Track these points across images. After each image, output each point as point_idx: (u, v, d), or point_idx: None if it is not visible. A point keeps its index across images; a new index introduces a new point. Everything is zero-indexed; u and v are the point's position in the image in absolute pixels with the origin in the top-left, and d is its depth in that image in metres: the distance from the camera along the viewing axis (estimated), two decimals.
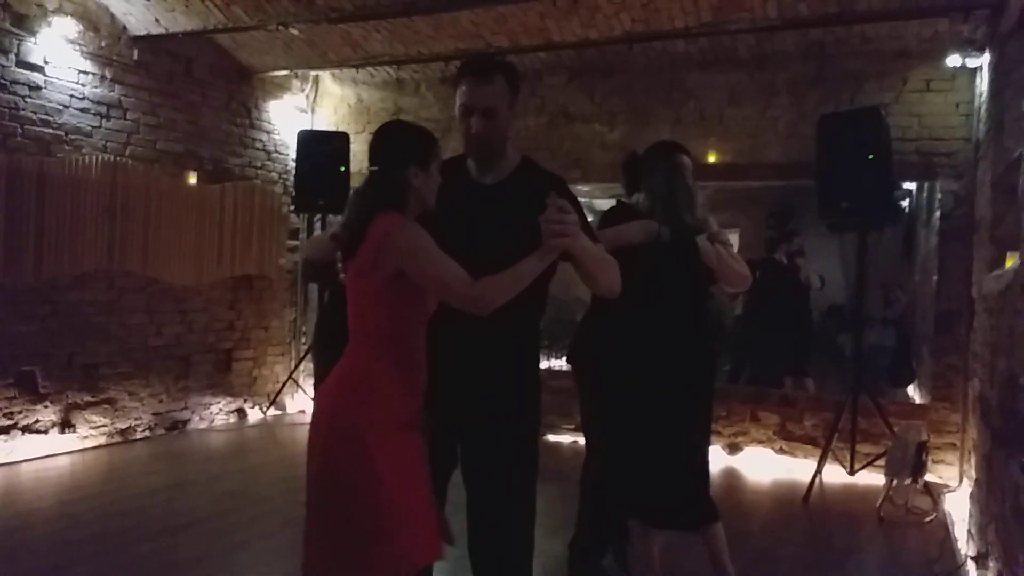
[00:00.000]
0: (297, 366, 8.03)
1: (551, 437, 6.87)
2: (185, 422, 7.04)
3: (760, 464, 6.49)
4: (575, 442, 6.54)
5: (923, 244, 7.68)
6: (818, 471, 5.73)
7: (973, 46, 5.82)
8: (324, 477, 2.32)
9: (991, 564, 3.48)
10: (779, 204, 11.64)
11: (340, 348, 2.41)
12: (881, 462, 5.48)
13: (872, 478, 5.77)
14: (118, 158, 6.33)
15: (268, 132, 7.95)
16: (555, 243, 2.31)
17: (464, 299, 2.26)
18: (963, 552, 4.41)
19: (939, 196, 6.32)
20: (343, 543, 2.27)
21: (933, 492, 5.41)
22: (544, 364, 5.44)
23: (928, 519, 5.12)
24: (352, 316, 2.38)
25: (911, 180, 7.15)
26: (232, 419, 7.54)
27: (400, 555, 2.27)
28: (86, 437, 6.15)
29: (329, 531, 2.30)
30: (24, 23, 5.68)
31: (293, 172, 7.86)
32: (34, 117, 5.78)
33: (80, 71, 6.09)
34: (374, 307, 2.34)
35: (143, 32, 6.45)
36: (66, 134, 5.99)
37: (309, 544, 2.34)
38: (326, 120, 8.40)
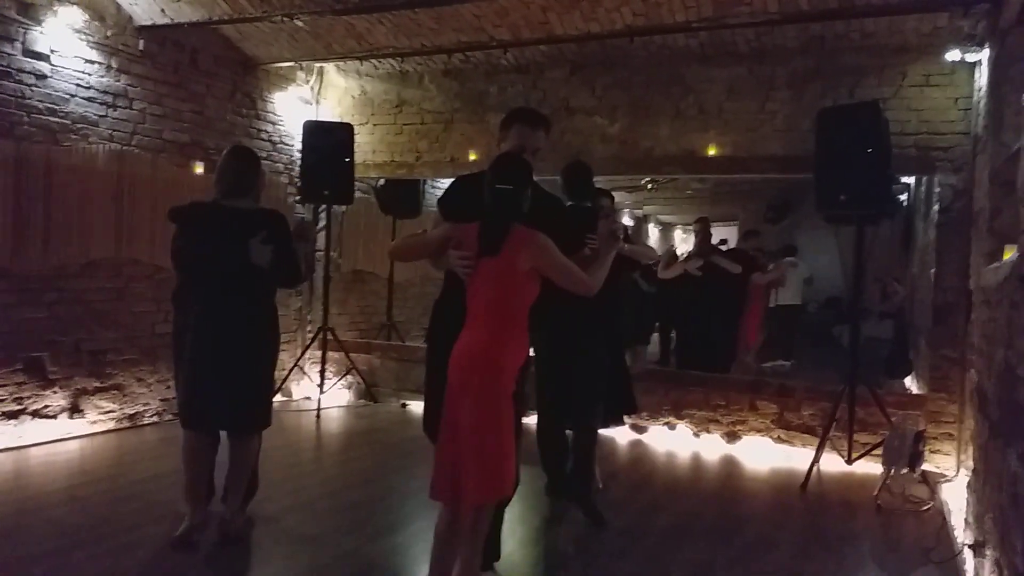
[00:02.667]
0: (303, 353, 8.09)
1: None
2: None
3: (758, 453, 6.56)
4: None
5: (921, 237, 7.74)
6: (816, 460, 5.80)
7: (972, 41, 5.86)
8: (481, 405, 3.09)
9: (987, 552, 3.52)
10: (777, 197, 11.72)
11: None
12: (878, 452, 5.54)
13: (869, 467, 5.84)
14: (124, 147, 6.38)
15: (273, 123, 7.99)
16: (613, 247, 3.54)
17: (584, 285, 3.26)
18: (960, 540, 4.47)
19: (937, 190, 6.38)
20: (491, 456, 3.08)
21: (930, 481, 5.48)
22: None
23: (925, 508, 5.19)
24: (485, 298, 3.18)
25: (910, 174, 7.23)
26: None
27: (514, 473, 3.23)
28: (95, 422, 6.21)
29: (481, 446, 3.08)
30: (30, 12, 5.71)
31: (298, 163, 7.92)
32: (40, 106, 5.82)
33: (86, 60, 6.13)
34: (511, 293, 3.18)
35: (149, 22, 6.48)
36: (72, 123, 6.03)
37: (455, 464, 3.12)
38: (331, 111, 8.45)
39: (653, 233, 19.64)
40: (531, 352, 3.55)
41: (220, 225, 4.06)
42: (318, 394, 7.54)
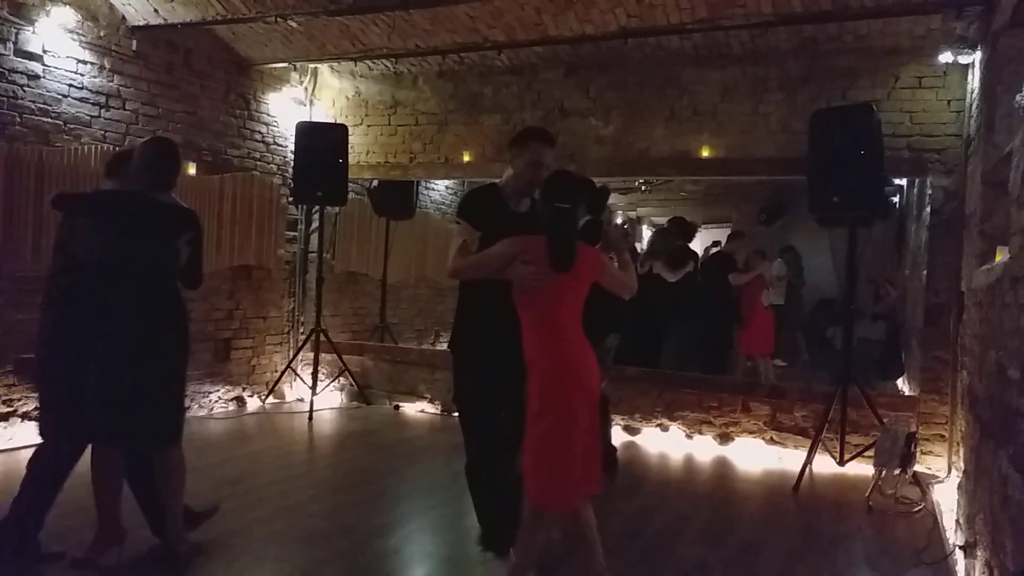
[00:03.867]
0: (295, 355, 8.08)
1: None
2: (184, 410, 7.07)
3: (751, 454, 6.57)
4: None
5: (913, 239, 7.76)
6: (808, 461, 5.81)
7: (965, 43, 5.88)
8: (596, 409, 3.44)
9: (979, 553, 3.53)
10: (770, 199, 11.73)
11: None
12: (870, 453, 5.56)
13: (861, 468, 5.85)
14: (117, 148, 6.36)
15: (267, 124, 7.98)
16: (626, 246, 3.86)
17: (629, 288, 3.64)
18: (951, 541, 4.48)
19: (929, 192, 6.39)
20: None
21: (922, 482, 5.50)
22: None
23: (916, 509, 5.20)
24: (566, 311, 3.42)
25: (902, 176, 7.25)
26: (231, 407, 7.60)
27: None
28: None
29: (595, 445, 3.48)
30: (22, 12, 5.70)
31: (292, 163, 7.90)
32: (33, 106, 5.80)
33: (79, 60, 6.11)
34: (580, 305, 3.45)
35: (142, 22, 6.47)
36: (65, 123, 6.02)
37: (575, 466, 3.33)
38: (324, 112, 8.44)
39: (647, 235, 19.64)
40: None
41: (152, 220, 3.76)
42: (310, 396, 7.52)
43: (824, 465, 5.94)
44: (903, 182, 8.07)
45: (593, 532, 3.46)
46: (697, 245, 14.89)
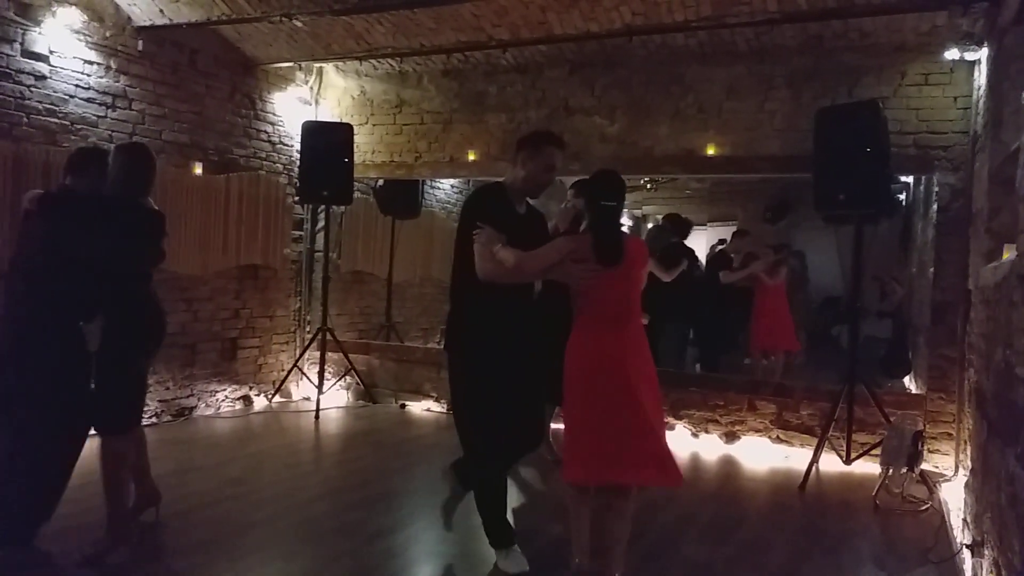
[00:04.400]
0: (302, 354, 8.10)
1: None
2: (191, 409, 7.11)
3: (757, 453, 6.57)
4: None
5: (920, 236, 7.73)
6: (814, 460, 5.80)
7: (971, 40, 5.85)
8: (656, 391, 3.67)
9: (986, 552, 3.53)
10: (776, 197, 11.70)
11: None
12: (877, 451, 5.55)
13: (868, 467, 5.85)
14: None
15: (272, 123, 7.99)
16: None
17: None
18: (958, 540, 4.48)
19: (936, 189, 6.37)
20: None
21: (929, 481, 5.48)
22: None
23: (924, 508, 5.19)
24: (616, 304, 3.61)
25: (908, 173, 7.22)
26: (238, 406, 7.62)
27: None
28: None
29: (661, 431, 3.69)
30: (29, 13, 5.71)
31: (297, 163, 7.91)
32: (39, 107, 5.82)
33: (85, 61, 6.13)
34: (634, 296, 3.66)
35: (147, 23, 6.48)
36: (72, 124, 6.03)
37: (620, 447, 3.48)
38: (330, 111, 8.45)
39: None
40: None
41: (146, 224, 4.04)
42: (317, 395, 7.54)
43: (830, 464, 5.94)
44: (909, 179, 8.03)
45: (619, 524, 3.56)
46: (703, 243, 14.87)
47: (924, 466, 5.53)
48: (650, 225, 19.21)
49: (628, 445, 3.49)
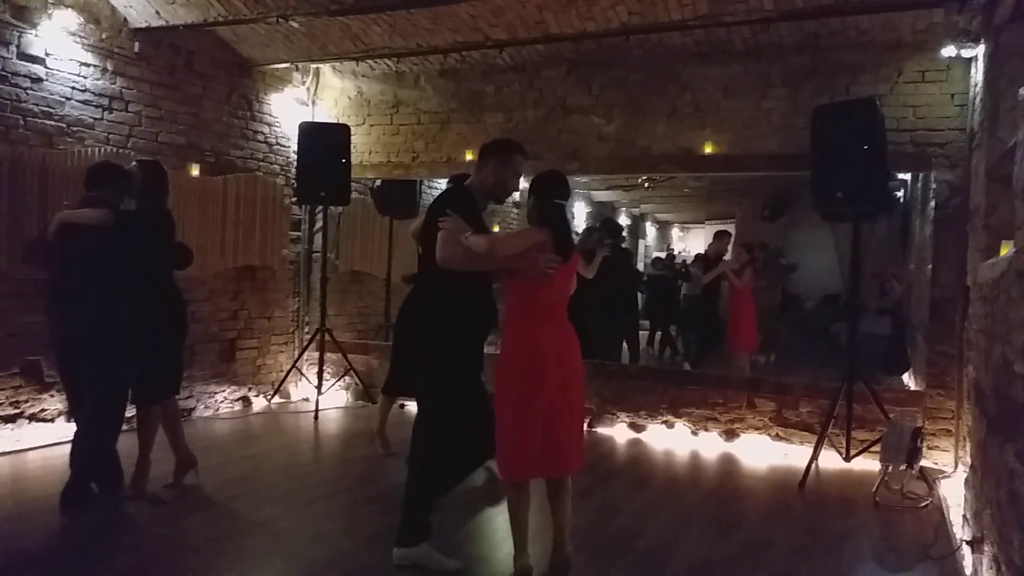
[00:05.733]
0: (300, 355, 8.10)
1: None
2: (190, 410, 7.11)
3: (756, 450, 6.57)
4: None
5: (918, 233, 7.75)
6: (814, 457, 5.81)
7: (968, 37, 5.87)
8: (582, 388, 3.80)
9: (986, 548, 3.53)
10: (774, 195, 11.73)
11: None
12: (876, 448, 5.55)
13: (868, 464, 5.85)
14: (120, 150, 6.37)
15: (269, 124, 7.99)
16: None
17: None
18: (958, 536, 4.48)
19: (934, 186, 6.38)
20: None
21: (928, 478, 5.49)
22: None
23: (923, 504, 5.20)
24: (562, 297, 3.76)
25: (906, 170, 7.23)
26: (237, 407, 7.62)
27: None
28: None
29: (582, 423, 3.86)
30: (25, 15, 5.71)
31: (295, 164, 7.91)
32: (36, 109, 5.81)
33: (81, 63, 6.12)
34: (570, 291, 3.83)
35: (144, 24, 6.48)
36: (68, 126, 6.03)
37: (550, 443, 3.58)
38: (327, 112, 8.45)
39: (651, 232, 19.64)
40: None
41: (172, 228, 4.98)
42: (316, 395, 7.54)
43: (830, 461, 5.94)
44: (907, 177, 8.05)
45: (568, 503, 3.76)
46: (700, 243, 14.92)
47: (923, 463, 5.54)
48: (649, 224, 19.28)
49: (570, 435, 3.67)
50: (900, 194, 8.68)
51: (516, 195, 11.82)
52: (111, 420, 4.52)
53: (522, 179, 4.05)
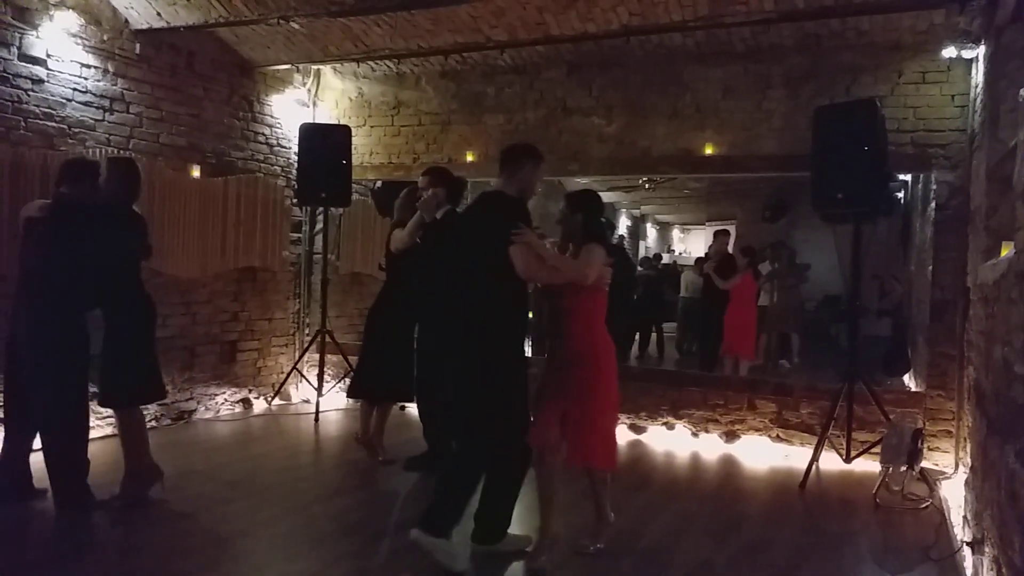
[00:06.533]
0: (301, 356, 8.09)
1: None
2: (191, 412, 7.11)
3: (757, 451, 6.57)
4: None
5: (918, 234, 7.74)
6: (814, 458, 5.80)
7: (968, 38, 5.87)
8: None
9: (986, 550, 3.52)
10: (774, 196, 11.73)
11: None
12: (877, 449, 5.55)
13: (868, 465, 5.85)
14: (121, 151, 6.37)
15: (270, 125, 7.99)
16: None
17: None
18: (959, 538, 4.48)
19: (934, 187, 6.38)
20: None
21: (929, 479, 5.49)
22: None
23: (924, 505, 5.20)
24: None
25: (906, 171, 7.22)
26: (237, 409, 7.62)
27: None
28: (92, 427, 6.17)
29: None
30: (26, 16, 5.71)
31: (295, 165, 7.91)
32: (37, 111, 5.81)
33: (83, 64, 6.12)
34: None
35: (145, 26, 6.48)
36: (69, 127, 6.03)
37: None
38: (328, 113, 8.45)
39: (651, 233, 19.65)
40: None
41: (140, 226, 4.89)
42: (316, 397, 7.53)
43: (831, 462, 5.94)
44: (907, 178, 8.04)
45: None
46: (700, 244, 14.89)
47: (924, 464, 5.54)
48: (649, 225, 19.28)
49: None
50: (901, 195, 8.68)
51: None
52: (64, 425, 4.46)
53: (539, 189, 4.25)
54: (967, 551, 4.11)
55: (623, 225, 16.54)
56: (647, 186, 11.11)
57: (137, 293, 4.73)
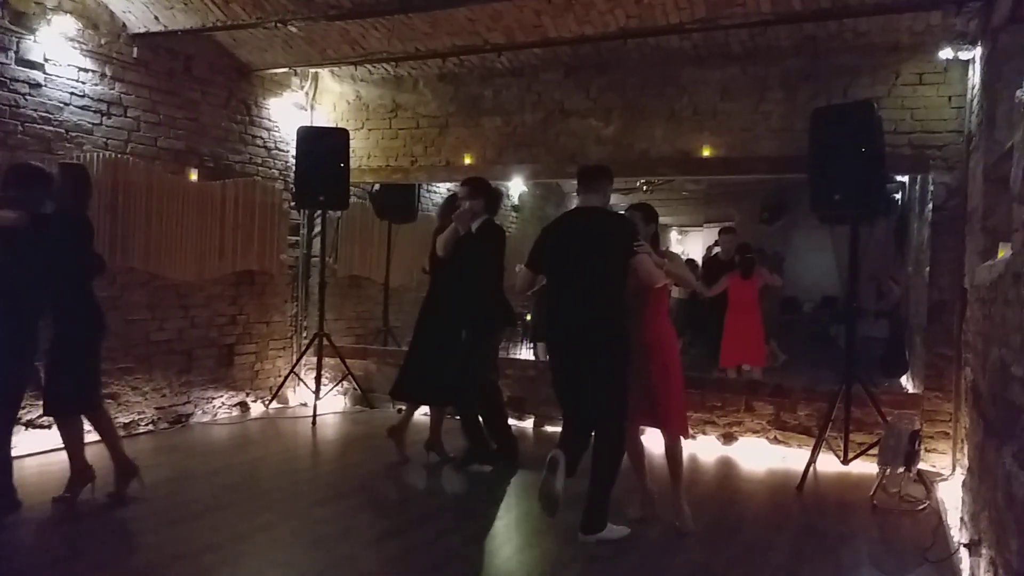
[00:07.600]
0: (299, 360, 8.09)
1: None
2: (188, 416, 7.10)
3: (754, 453, 6.57)
4: None
5: (915, 236, 7.74)
6: (812, 460, 5.79)
7: (965, 39, 5.87)
8: None
9: (983, 551, 3.52)
10: (772, 197, 11.73)
11: None
12: (874, 451, 5.55)
13: (865, 467, 5.85)
14: (119, 155, 6.37)
15: (268, 129, 8.00)
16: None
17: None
18: (956, 539, 4.48)
19: (931, 188, 6.38)
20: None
21: (926, 480, 5.48)
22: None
23: (921, 507, 5.20)
24: None
25: (904, 173, 7.23)
26: (235, 413, 7.61)
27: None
28: (89, 432, 6.17)
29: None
30: (23, 21, 5.71)
31: (293, 168, 7.90)
32: (35, 115, 5.81)
33: (80, 69, 6.12)
34: None
35: (142, 30, 6.49)
36: (67, 132, 6.03)
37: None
38: (325, 117, 8.45)
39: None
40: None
41: (92, 235, 4.84)
42: (314, 400, 7.53)
43: (828, 464, 5.93)
44: (905, 179, 8.05)
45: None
46: (698, 246, 14.89)
47: (921, 465, 5.55)
48: None
49: None
50: (898, 196, 8.69)
51: (515, 198, 11.92)
52: None
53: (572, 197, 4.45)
54: (964, 553, 4.10)
55: None
56: (645, 188, 11.10)
57: (86, 302, 4.74)
